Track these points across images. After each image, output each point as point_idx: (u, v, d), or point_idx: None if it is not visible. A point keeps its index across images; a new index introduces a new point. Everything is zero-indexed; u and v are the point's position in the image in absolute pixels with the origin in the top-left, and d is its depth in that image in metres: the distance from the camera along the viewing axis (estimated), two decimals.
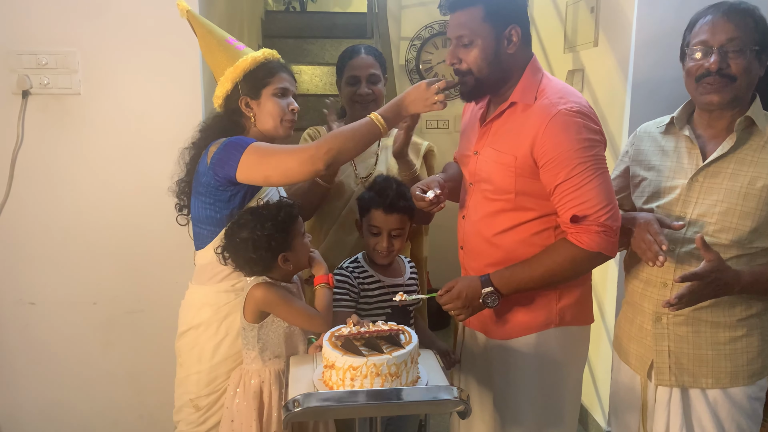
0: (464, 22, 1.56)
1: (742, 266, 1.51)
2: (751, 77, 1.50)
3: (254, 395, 1.68)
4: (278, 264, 1.65)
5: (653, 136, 1.69)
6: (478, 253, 1.70)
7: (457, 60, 1.60)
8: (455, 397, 1.33)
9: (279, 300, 1.64)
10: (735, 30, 1.47)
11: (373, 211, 1.82)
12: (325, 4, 6.37)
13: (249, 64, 1.81)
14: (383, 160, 2.14)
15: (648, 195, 1.64)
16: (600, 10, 2.61)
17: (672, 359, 1.59)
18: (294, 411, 1.30)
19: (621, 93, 2.42)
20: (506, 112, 1.61)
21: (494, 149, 1.62)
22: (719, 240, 1.51)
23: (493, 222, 1.64)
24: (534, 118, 1.53)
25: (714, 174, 1.54)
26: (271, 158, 1.63)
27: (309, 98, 4.43)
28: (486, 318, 1.71)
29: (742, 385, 1.56)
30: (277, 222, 1.63)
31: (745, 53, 1.47)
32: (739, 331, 1.55)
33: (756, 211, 1.48)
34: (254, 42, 4.42)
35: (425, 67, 4.26)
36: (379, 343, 1.43)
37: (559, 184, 1.51)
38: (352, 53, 2.13)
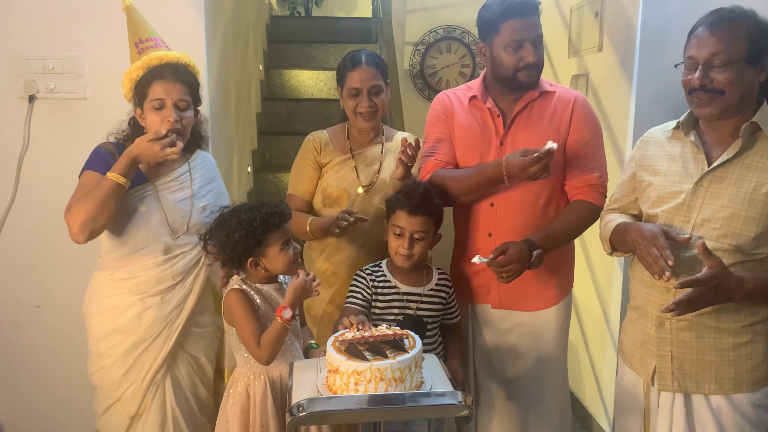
0: None
1: (747, 273, 1.50)
2: (743, 87, 1.49)
3: (240, 398, 1.70)
4: (249, 268, 1.71)
5: (660, 141, 1.68)
6: (515, 236, 1.83)
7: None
8: (459, 401, 1.33)
9: (237, 314, 1.68)
10: (718, 44, 1.47)
11: (398, 212, 1.83)
12: (329, 9, 6.40)
13: (134, 73, 1.83)
14: (386, 167, 2.12)
15: (654, 200, 1.64)
16: (604, 14, 2.61)
17: (675, 364, 1.58)
18: (298, 416, 1.30)
19: (626, 98, 2.41)
20: (533, 102, 1.89)
21: (529, 131, 1.87)
22: (723, 245, 1.50)
23: (533, 202, 1.88)
24: (564, 101, 1.91)
25: (719, 179, 1.53)
26: (71, 200, 1.78)
27: (313, 103, 4.45)
28: (522, 291, 1.92)
29: (746, 391, 1.54)
30: (251, 227, 1.67)
31: (731, 66, 1.46)
32: (743, 338, 1.54)
33: (760, 217, 1.48)
34: (259, 47, 4.44)
35: (429, 72, 4.27)
36: (383, 348, 1.43)
37: (583, 146, 1.88)
38: (353, 63, 2.04)
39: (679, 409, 1.59)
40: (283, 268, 1.72)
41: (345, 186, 2.08)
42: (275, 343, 1.63)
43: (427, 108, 4.62)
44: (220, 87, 2.80)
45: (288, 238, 1.72)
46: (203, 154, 2.03)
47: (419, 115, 4.25)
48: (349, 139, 2.15)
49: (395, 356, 1.39)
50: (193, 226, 1.89)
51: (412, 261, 1.82)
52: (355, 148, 2.13)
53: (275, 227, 1.69)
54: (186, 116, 1.85)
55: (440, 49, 4.26)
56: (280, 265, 1.71)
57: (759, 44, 1.48)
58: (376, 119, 2.09)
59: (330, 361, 1.42)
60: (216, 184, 2.02)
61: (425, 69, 4.26)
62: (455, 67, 4.27)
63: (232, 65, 3.18)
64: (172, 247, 1.86)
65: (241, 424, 1.69)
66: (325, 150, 2.13)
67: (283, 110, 4.41)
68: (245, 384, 1.71)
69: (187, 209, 1.89)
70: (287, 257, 1.71)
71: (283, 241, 1.70)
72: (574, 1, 2.93)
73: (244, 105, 3.64)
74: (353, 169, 2.10)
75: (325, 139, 2.15)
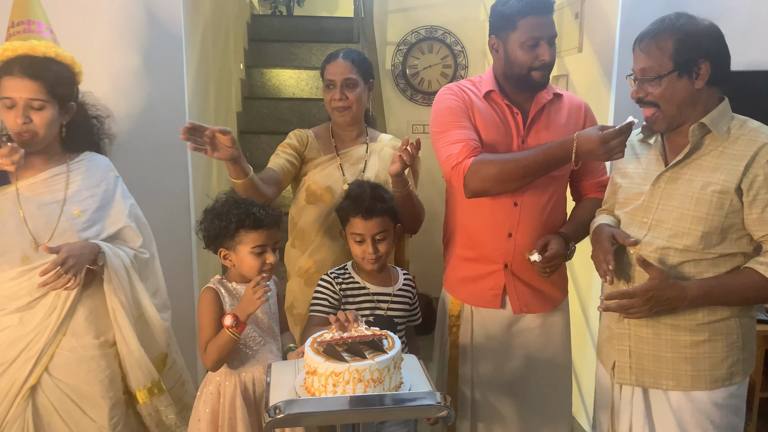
0: None
1: (702, 270, 1.52)
2: (679, 98, 1.50)
3: (211, 398, 1.68)
4: (221, 259, 1.71)
5: (632, 143, 1.71)
6: (534, 237, 1.84)
7: None
8: (438, 402, 1.32)
9: (200, 315, 1.67)
10: (646, 59, 1.50)
11: (353, 219, 1.80)
12: (311, 9, 6.36)
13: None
14: (372, 166, 2.12)
15: (621, 201, 1.68)
16: (584, 16, 2.63)
17: (633, 359, 1.61)
18: (276, 418, 1.28)
19: (605, 98, 2.43)
20: (548, 102, 1.87)
21: (550, 132, 1.85)
22: (674, 245, 1.52)
23: (546, 202, 1.87)
24: (575, 103, 1.93)
25: (673, 180, 1.56)
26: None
27: (295, 102, 4.42)
28: (534, 293, 1.91)
29: (705, 389, 1.55)
30: (225, 217, 1.67)
31: (660, 80, 1.49)
32: (700, 336, 1.55)
33: (707, 216, 1.49)
34: (240, 46, 4.41)
35: (411, 72, 4.27)
36: (361, 349, 1.41)
37: None
38: (331, 57, 2.10)
39: (639, 403, 1.62)
40: (248, 271, 1.69)
41: (330, 184, 2.07)
42: (218, 351, 1.61)
43: (410, 108, 4.64)
44: (200, 85, 2.77)
45: (264, 244, 1.67)
46: (92, 155, 1.84)
47: (401, 115, 4.30)
48: (333, 138, 2.15)
49: (374, 357, 1.37)
50: (61, 234, 1.69)
51: (381, 261, 1.81)
52: (340, 147, 2.14)
53: (249, 227, 1.66)
54: (40, 117, 1.64)
55: (422, 50, 4.26)
56: (246, 267, 1.69)
57: (688, 54, 1.47)
58: (351, 114, 2.09)
59: (308, 363, 1.40)
60: (103, 189, 1.80)
61: (407, 69, 4.26)
62: (437, 68, 4.27)
63: (211, 64, 3.14)
64: (32, 258, 1.64)
65: (212, 424, 1.67)
66: (311, 146, 2.13)
67: (264, 109, 4.38)
68: (217, 384, 1.69)
69: (53, 215, 1.69)
70: (255, 262, 1.67)
71: (257, 246, 1.66)
72: (555, 3, 2.93)
73: (224, 104, 3.61)
74: (339, 167, 2.10)
75: (311, 137, 2.16)
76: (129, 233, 1.85)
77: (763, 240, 1.49)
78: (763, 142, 1.46)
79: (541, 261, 1.76)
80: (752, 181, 1.45)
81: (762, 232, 1.47)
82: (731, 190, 1.46)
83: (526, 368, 1.94)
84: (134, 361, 1.79)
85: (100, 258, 1.72)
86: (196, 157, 2.62)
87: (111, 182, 1.85)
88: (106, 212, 1.81)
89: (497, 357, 1.94)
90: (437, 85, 4.29)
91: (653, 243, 1.55)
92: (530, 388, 1.95)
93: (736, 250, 1.51)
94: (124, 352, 1.78)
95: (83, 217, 1.74)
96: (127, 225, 1.84)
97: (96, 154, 1.87)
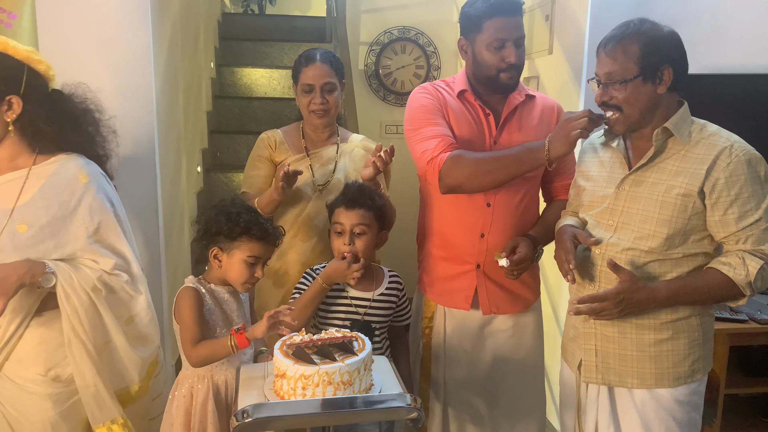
0: None
1: (666, 270, 1.55)
2: (642, 102, 1.53)
3: (184, 400, 1.66)
4: (210, 256, 1.67)
5: (595, 146, 1.74)
6: (508, 234, 1.86)
7: None
8: (408, 404, 1.32)
9: (184, 312, 1.63)
10: (612, 63, 1.52)
11: (336, 211, 1.80)
12: (284, 7, 6.32)
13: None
14: (342, 166, 2.11)
15: (585, 204, 1.70)
16: (554, 18, 2.65)
17: (599, 358, 1.63)
18: (243, 422, 1.26)
19: (575, 100, 2.45)
20: (520, 105, 1.88)
21: (522, 134, 1.85)
22: (639, 246, 1.55)
23: (518, 202, 1.87)
24: (548, 104, 1.93)
25: (637, 183, 1.58)
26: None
27: (267, 102, 4.39)
28: (505, 294, 1.91)
29: (668, 387, 1.58)
30: (234, 218, 1.64)
31: (625, 84, 1.51)
32: (664, 334, 1.58)
33: (671, 218, 1.52)
34: (211, 44, 4.35)
35: (384, 72, 4.26)
36: (331, 351, 1.40)
37: None
38: (308, 60, 2.06)
39: (604, 401, 1.64)
40: (234, 277, 1.67)
41: (299, 184, 2.05)
42: (212, 355, 1.59)
43: (382, 108, 4.63)
44: (168, 83, 2.73)
45: (259, 257, 1.66)
46: (66, 158, 1.61)
47: (374, 115, 4.29)
48: (304, 138, 2.14)
49: (344, 359, 1.37)
50: None
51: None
52: (311, 148, 2.13)
53: (253, 236, 1.64)
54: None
55: (395, 50, 4.25)
56: (233, 273, 1.67)
57: (652, 60, 1.50)
58: (329, 117, 2.08)
59: (277, 366, 1.38)
60: (60, 201, 1.56)
61: (380, 69, 4.25)
62: (410, 68, 4.27)
63: (180, 62, 3.09)
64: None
65: (185, 426, 1.65)
66: (280, 148, 2.11)
67: (235, 109, 4.33)
68: (189, 386, 1.67)
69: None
70: (245, 272, 1.65)
71: (252, 256, 1.65)
72: (526, 5, 2.95)
73: (194, 103, 3.56)
74: (308, 168, 2.08)
75: (280, 137, 2.14)
76: (90, 254, 1.60)
77: (724, 241, 1.52)
78: (722, 146, 1.50)
79: (509, 264, 1.76)
80: (714, 185, 1.49)
81: (723, 233, 1.51)
82: (694, 193, 1.50)
83: (498, 370, 1.95)
84: (90, 396, 1.58)
85: (47, 279, 1.51)
86: (165, 157, 2.58)
87: (75, 192, 1.58)
88: (60, 228, 1.56)
89: (470, 359, 1.95)
90: (410, 86, 4.29)
91: (619, 244, 1.57)
92: (502, 390, 1.96)
93: (698, 250, 1.55)
94: (80, 385, 1.58)
95: (28, 232, 1.52)
96: (86, 245, 1.59)
97: (75, 156, 1.62)
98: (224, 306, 1.70)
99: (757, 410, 2.58)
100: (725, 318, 2.27)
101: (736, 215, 1.48)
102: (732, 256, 1.51)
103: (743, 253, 1.49)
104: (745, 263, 1.48)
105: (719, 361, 2.21)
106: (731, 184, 1.48)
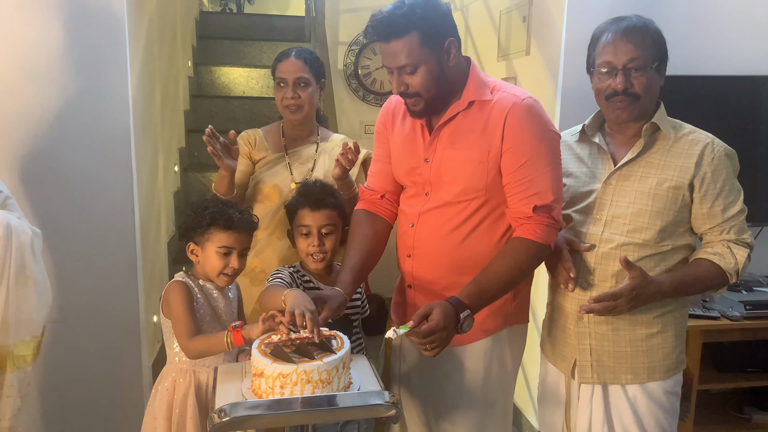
0: (402, 51, 1.53)
1: (655, 264, 1.58)
2: (654, 91, 1.59)
3: (167, 394, 1.67)
4: (188, 252, 1.71)
5: (569, 144, 1.75)
6: (436, 258, 1.65)
7: (405, 87, 1.57)
8: (387, 401, 1.32)
9: (175, 306, 1.64)
10: (635, 50, 1.53)
11: (300, 212, 1.79)
12: (262, 7, 6.28)
13: None
14: (321, 165, 2.11)
15: (567, 201, 1.71)
16: (531, 19, 2.67)
17: (594, 357, 1.64)
18: (220, 421, 1.25)
19: (551, 100, 2.48)
20: (461, 113, 1.59)
21: (457, 150, 1.59)
22: (634, 240, 1.58)
23: (456, 224, 1.61)
24: (498, 110, 1.55)
25: (625, 177, 1.61)
26: None
27: (245, 101, 4.36)
28: None
29: (659, 379, 1.63)
30: (200, 212, 1.67)
31: (646, 71, 1.54)
32: (654, 328, 1.62)
33: (664, 210, 1.57)
34: (188, 43, 4.31)
35: (364, 72, 4.26)
36: (310, 350, 1.40)
37: (518, 169, 1.53)
38: (283, 55, 2.08)
39: (598, 400, 1.66)
40: (210, 270, 1.69)
41: (277, 182, 2.06)
42: (208, 349, 1.60)
43: (362, 108, 4.64)
44: (144, 82, 2.70)
45: (231, 247, 1.67)
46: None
47: (353, 115, 4.29)
48: (283, 137, 2.14)
49: (322, 358, 1.36)
50: None
51: (326, 260, 1.79)
52: (290, 146, 2.13)
53: (220, 226, 1.66)
54: None
55: (374, 50, 4.26)
56: (209, 265, 1.69)
57: (662, 52, 1.57)
58: (303, 113, 2.08)
59: (255, 365, 1.38)
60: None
61: (359, 69, 4.25)
62: None
63: (157, 60, 3.06)
64: None
65: (167, 420, 1.66)
66: (259, 146, 2.12)
67: (213, 108, 4.29)
68: (173, 380, 1.68)
69: None
70: (218, 263, 1.67)
71: (223, 246, 1.66)
72: (503, 6, 2.99)
73: (171, 101, 3.52)
74: (287, 166, 2.09)
75: (260, 136, 2.15)
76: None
77: (708, 232, 1.59)
78: (705, 141, 1.57)
79: (418, 336, 1.42)
80: (703, 178, 1.55)
81: (709, 224, 1.58)
82: (685, 185, 1.55)
83: (444, 404, 1.70)
84: None
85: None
86: (141, 156, 2.55)
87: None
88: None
89: (419, 388, 1.75)
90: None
91: (613, 240, 1.59)
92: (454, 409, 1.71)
93: (682, 242, 1.60)
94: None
95: None
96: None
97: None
98: (212, 302, 1.71)
99: (729, 405, 2.62)
100: (698, 315, 2.31)
101: (722, 207, 1.56)
102: (718, 246, 1.58)
103: (728, 243, 1.57)
104: (732, 252, 1.56)
105: (693, 358, 2.24)
106: (716, 178, 1.55)
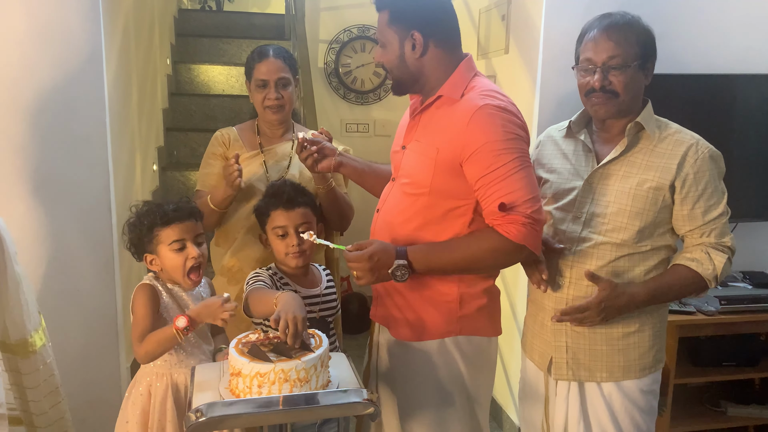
0: (379, 24, 1.63)
1: (634, 264, 1.59)
2: (635, 89, 1.58)
3: (141, 398, 1.64)
4: (147, 265, 1.67)
5: (555, 139, 1.76)
6: None
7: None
8: (365, 399, 1.32)
9: (136, 308, 1.61)
10: (615, 48, 1.54)
11: (273, 213, 1.77)
12: (242, 4, 6.23)
13: None
14: (296, 163, 2.09)
15: (549, 197, 1.71)
16: (510, 18, 2.69)
17: (569, 354, 1.66)
18: (197, 421, 1.24)
19: (530, 98, 2.49)
20: (434, 105, 1.59)
21: (419, 142, 1.60)
22: (612, 239, 1.59)
23: (403, 217, 1.60)
24: (459, 112, 1.52)
25: (606, 176, 1.62)
26: None
27: (224, 99, 4.33)
28: (390, 312, 1.67)
29: (634, 378, 1.63)
30: (138, 220, 1.65)
31: (626, 69, 1.54)
32: (632, 327, 1.62)
33: (644, 211, 1.57)
34: (166, 40, 4.27)
35: (344, 71, 4.25)
36: (287, 349, 1.39)
37: (484, 175, 1.48)
38: (260, 56, 2.05)
39: (574, 397, 1.67)
40: (173, 270, 1.64)
41: (253, 181, 2.04)
42: (157, 345, 1.56)
43: (343, 106, 4.64)
44: (121, 80, 2.67)
45: (181, 239, 1.63)
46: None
47: (334, 114, 4.28)
48: (258, 135, 2.12)
49: (300, 356, 1.36)
50: None
51: (305, 258, 1.78)
52: (265, 144, 2.11)
53: (160, 224, 1.62)
54: None
55: (354, 48, 4.25)
56: (170, 266, 1.64)
57: (647, 50, 1.57)
58: (284, 112, 2.07)
59: (232, 364, 1.37)
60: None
61: (340, 68, 4.24)
62: (370, 67, 4.28)
63: (134, 58, 3.03)
64: None
65: (141, 425, 1.62)
66: (234, 145, 2.10)
67: (192, 106, 4.26)
68: (147, 384, 1.64)
69: None
70: (177, 259, 1.63)
71: (174, 241, 1.62)
72: (483, 4, 3.00)
73: (149, 99, 3.48)
74: (262, 164, 2.07)
75: (234, 135, 2.12)
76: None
77: (688, 234, 1.58)
78: (689, 142, 1.56)
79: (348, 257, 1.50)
80: (684, 180, 1.54)
81: (689, 226, 1.57)
82: (665, 186, 1.55)
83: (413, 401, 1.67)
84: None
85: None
86: (118, 154, 2.52)
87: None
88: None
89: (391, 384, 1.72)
90: (370, 84, 4.29)
91: (591, 239, 1.60)
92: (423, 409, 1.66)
93: (662, 243, 1.60)
94: None
95: None
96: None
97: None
98: (180, 302, 1.68)
99: (705, 399, 2.66)
100: (674, 310, 2.34)
101: (702, 209, 1.55)
102: (697, 251, 1.56)
103: (707, 248, 1.56)
104: (711, 258, 1.55)
105: (669, 352, 2.27)
106: (698, 180, 1.54)
